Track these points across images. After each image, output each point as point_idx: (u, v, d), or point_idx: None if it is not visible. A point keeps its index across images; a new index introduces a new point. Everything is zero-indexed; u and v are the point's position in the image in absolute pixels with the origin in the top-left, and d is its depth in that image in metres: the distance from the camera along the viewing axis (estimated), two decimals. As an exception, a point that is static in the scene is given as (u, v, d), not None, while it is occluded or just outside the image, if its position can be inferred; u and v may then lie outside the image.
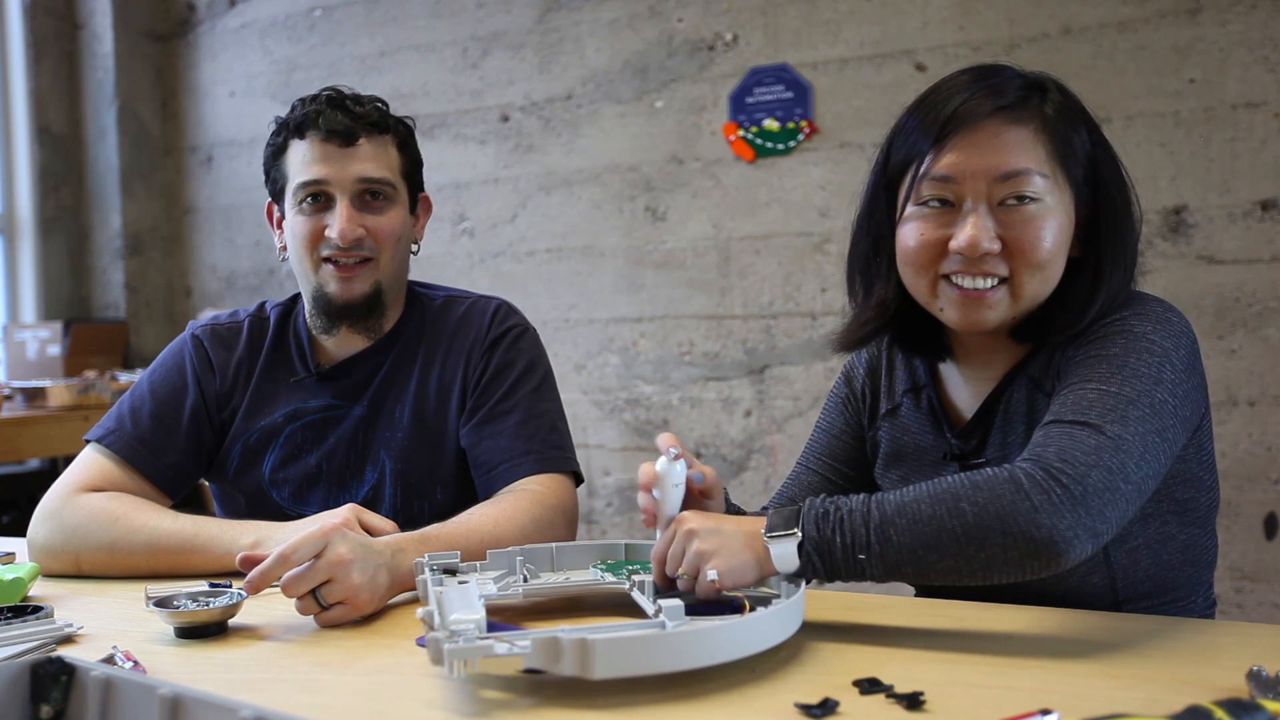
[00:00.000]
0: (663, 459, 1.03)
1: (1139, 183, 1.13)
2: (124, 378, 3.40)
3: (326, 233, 1.38)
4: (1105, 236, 1.08)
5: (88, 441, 1.41)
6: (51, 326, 3.59)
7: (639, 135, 3.20)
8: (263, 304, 1.54)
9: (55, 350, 3.54)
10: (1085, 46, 2.66)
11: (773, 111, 3.02)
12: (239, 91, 3.88)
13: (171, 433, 1.43)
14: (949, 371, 1.21)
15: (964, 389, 1.19)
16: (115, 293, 3.93)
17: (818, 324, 2.98)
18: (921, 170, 1.07)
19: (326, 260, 1.40)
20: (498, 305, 1.50)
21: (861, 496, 0.95)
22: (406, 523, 1.40)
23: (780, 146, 3.02)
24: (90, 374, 3.39)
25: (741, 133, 3.06)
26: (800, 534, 0.93)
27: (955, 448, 1.17)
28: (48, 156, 3.90)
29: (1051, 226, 1.05)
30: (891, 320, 1.18)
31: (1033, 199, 1.04)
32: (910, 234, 1.09)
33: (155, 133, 4.02)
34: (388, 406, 1.45)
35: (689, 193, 3.14)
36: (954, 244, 1.05)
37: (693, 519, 0.97)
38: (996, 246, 1.04)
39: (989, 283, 1.06)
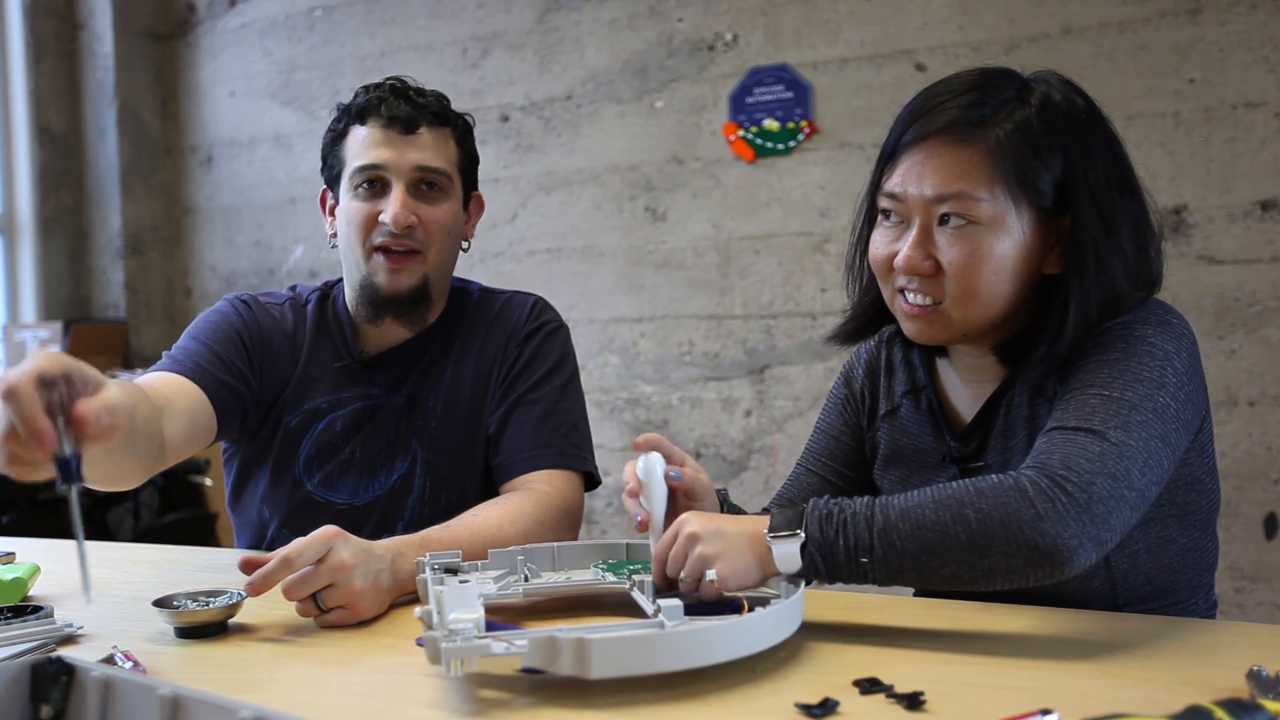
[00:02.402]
0: (640, 459, 1.03)
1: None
2: (124, 378, 3.39)
3: (380, 218, 1.38)
4: (1072, 255, 1.05)
5: None
6: (51, 326, 3.59)
7: (639, 135, 3.20)
8: (294, 288, 1.55)
9: (55, 350, 3.53)
10: (1085, 46, 2.66)
11: (773, 111, 3.02)
12: (239, 91, 3.88)
13: (214, 350, 1.39)
14: (948, 373, 1.21)
15: (963, 391, 1.19)
16: (115, 293, 3.93)
17: (818, 324, 2.98)
18: (880, 184, 1.10)
19: (378, 250, 1.39)
20: (535, 300, 1.53)
21: (865, 499, 0.94)
22: (433, 514, 1.41)
23: (780, 146, 3.01)
24: (90, 374, 3.39)
25: (741, 133, 3.06)
26: (803, 535, 0.93)
27: (954, 451, 1.17)
28: (48, 156, 3.90)
29: (992, 249, 1.04)
30: (877, 318, 1.20)
31: (971, 221, 1.03)
32: (873, 243, 1.12)
33: (155, 133, 4.02)
34: (423, 396, 1.46)
35: (689, 193, 3.14)
36: (895, 261, 1.08)
37: (694, 521, 0.96)
38: (928, 266, 1.06)
39: (928, 300, 1.07)
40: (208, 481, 3.64)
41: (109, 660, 0.90)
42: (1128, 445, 0.94)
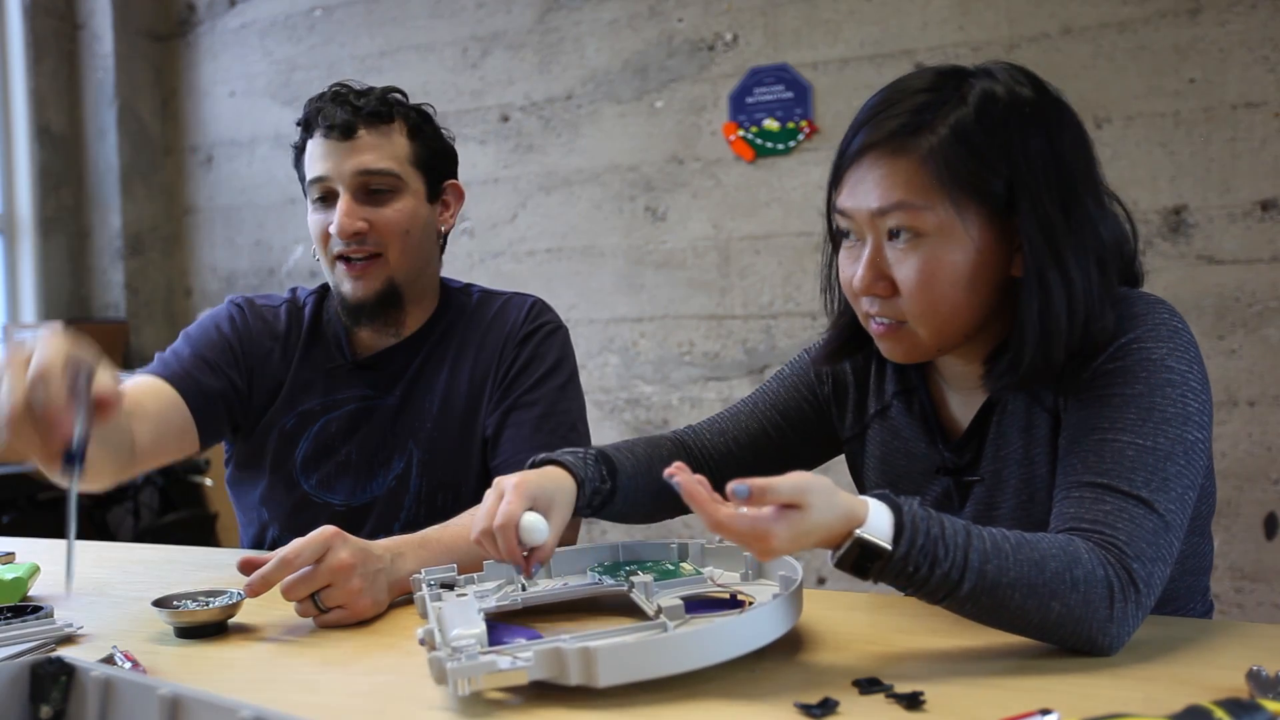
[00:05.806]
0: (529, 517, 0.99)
1: (1139, 183, 1.11)
2: (124, 378, 3.39)
3: (329, 229, 1.38)
4: (1023, 260, 0.99)
5: None
6: (51, 327, 3.59)
7: (639, 135, 3.20)
8: (294, 290, 1.55)
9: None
10: (1085, 46, 2.66)
11: (773, 111, 3.02)
12: (239, 91, 3.88)
13: (201, 355, 1.42)
14: (939, 378, 1.16)
15: (955, 396, 1.14)
16: (115, 293, 3.93)
17: (818, 324, 2.98)
18: (833, 201, 1.07)
19: (339, 258, 1.39)
20: (533, 302, 1.53)
21: (961, 541, 0.86)
22: (430, 514, 1.41)
23: (780, 146, 3.01)
24: (90, 374, 3.38)
25: (741, 133, 3.06)
26: (897, 549, 0.84)
27: (948, 462, 1.12)
28: (48, 156, 3.89)
29: (943, 261, 0.99)
30: (856, 336, 1.14)
31: (918, 234, 0.99)
32: (840, 267, 1.08)
33: (155, 133, 4.01)
34: (418, 398, 1.46)
35: (689, 193, 3.14)
36: (853, 283, 1.04)
37: (808, 492, 0.83)
38: (883, 287, 1.01)
39: (893, 320, 1.03)
40: (208, 481, 3.64)
41: (109, 660, 0.90)
42: (1171, 515, 0.93)
